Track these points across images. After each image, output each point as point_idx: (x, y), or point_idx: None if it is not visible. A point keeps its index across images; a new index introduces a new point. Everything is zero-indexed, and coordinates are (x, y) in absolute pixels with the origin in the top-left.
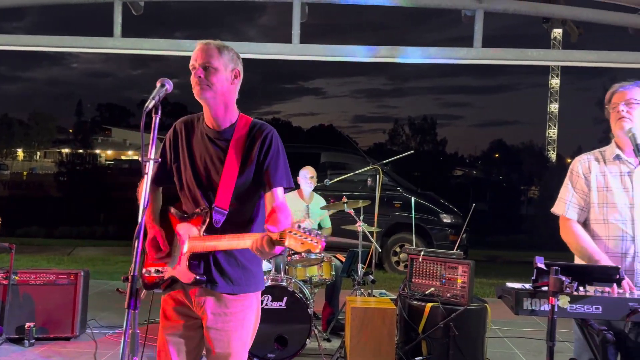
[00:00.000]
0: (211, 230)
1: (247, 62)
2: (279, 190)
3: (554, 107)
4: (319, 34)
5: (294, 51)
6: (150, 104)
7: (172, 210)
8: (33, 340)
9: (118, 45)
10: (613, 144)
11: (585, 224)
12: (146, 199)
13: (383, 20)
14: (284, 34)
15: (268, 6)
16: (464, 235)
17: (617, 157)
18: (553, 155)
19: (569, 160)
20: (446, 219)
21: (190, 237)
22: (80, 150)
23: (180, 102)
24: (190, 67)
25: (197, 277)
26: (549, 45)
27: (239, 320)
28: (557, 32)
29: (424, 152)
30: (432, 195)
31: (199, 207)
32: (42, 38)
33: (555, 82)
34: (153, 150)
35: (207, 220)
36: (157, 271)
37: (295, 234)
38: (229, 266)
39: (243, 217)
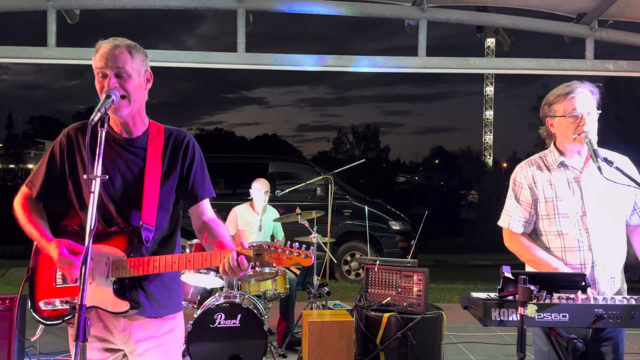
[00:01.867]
0: (139, 250)
1: (188, 72)
2: (207, 202)
3: (489, 113)
4: (265, 43)
5: (240, 60)
6: (95, 116)
7: (74, 228)
8: None
9: (53, 55)
10: (553, 149)
11: (537, 237)
12: (93, 220)
13: (329, 30)
14: (225, 44)
15: (208, 15)
16: (412, 242)
17: (562, 164)
18: (490, 160)
19: (505, 165)
20: (395, 226)
21: (114, 261)
22: (12, 165)
23: None
24: (97, 71)
25: (132, 305)
26: (483, 54)
27: (169, 342)
28: (490, 42)
29: (368, 160)
30: (380, 202)
31: (118, 226)
32: None
33: (489, 90)
34: (99, 167)
35: (135, 240)
36: (66, 302)
37: (276, 249)
38: (155, 288)
39: (166, 232)
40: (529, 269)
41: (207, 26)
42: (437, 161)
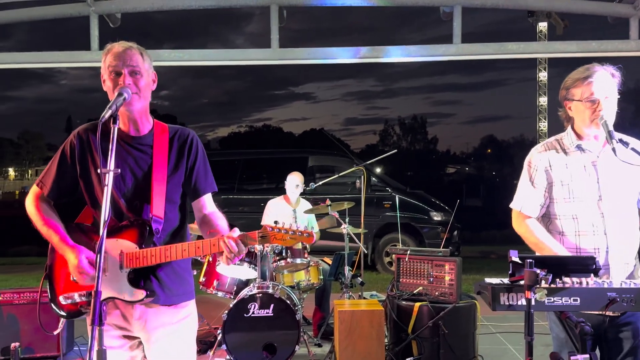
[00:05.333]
0: (150, 241)
1: (236, 70)
2: (209, 196)
3: (543, 100)
4: (306, 39)
5: (274, 56)
6: (106, 113)
7: (89, 227)
8: None
9: (96, 58)
10: (571, 132)
11: (551, 220)
12: (107, 212)
13: (369, 23)
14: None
15: (255, 14)
16: (455, 233)
17: (578, 147)
18: None
19: None
20: (437, 217)
21: (127, 253)
22: None
23: (170, 114)
24: (110, 70)
25: (148, 293)
26: (536, 39)
27: (183, 329)
28: (543, 26)
29: (415, 152)
30: (422, 193)
31: (128, 219)
32: (19, 55)
33: (543, 76)
34: (112, 161)
35: (146, 232)
36: (84, 295)
37: (279, 230)
38: (167, 277)
39: (174, 224)
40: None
41: (255, 24)
42: (488, 151)
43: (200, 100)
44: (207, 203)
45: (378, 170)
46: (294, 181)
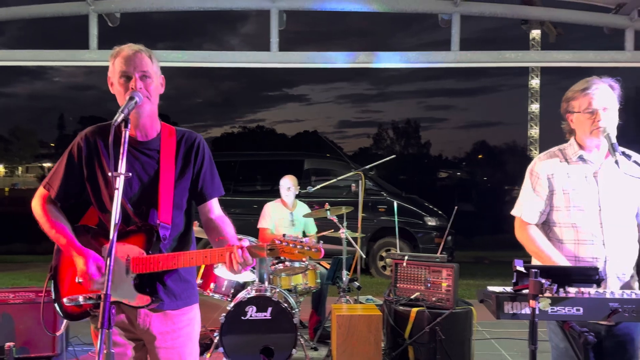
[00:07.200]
0: (157, 248)
1: (231, 71)
2: (216, 201)
3: (534, 107)
4: (303, 41)
5: (273, 59)
6: (119, 117)
7: (95, 229)
8: None
9: (94, 57)
10: (574, 142)
11: (550, 228)
12: (118, 215)
13: (366, 27)
14: (267, 43)
15: (250, 15)
16: (449, 238)
17: (580, 157)
18: (535, 155)
19: None
20: (431, 221)
21: (134, 258)
22: None
23: (164, 113)
24: (120, 74)
25: (154, 299)
26: (528, 46)
27: (187, 334)
28: (536, 34)
29: (409, 156)
30: (416, 198)
31: (136, 224)
32: (17, 52)
33: (535, 83)
34: (123, 164)
35: (154, 238)
36: (91, 298)
37: (287, 244)
38: (172, 282)
39: (180, 229)
40: (535, 261)
41: (250, 26)
42: (480, 156)
43: (194, 100)
44: (214, 207)
45: (372, 174)
46: (286, 184)
